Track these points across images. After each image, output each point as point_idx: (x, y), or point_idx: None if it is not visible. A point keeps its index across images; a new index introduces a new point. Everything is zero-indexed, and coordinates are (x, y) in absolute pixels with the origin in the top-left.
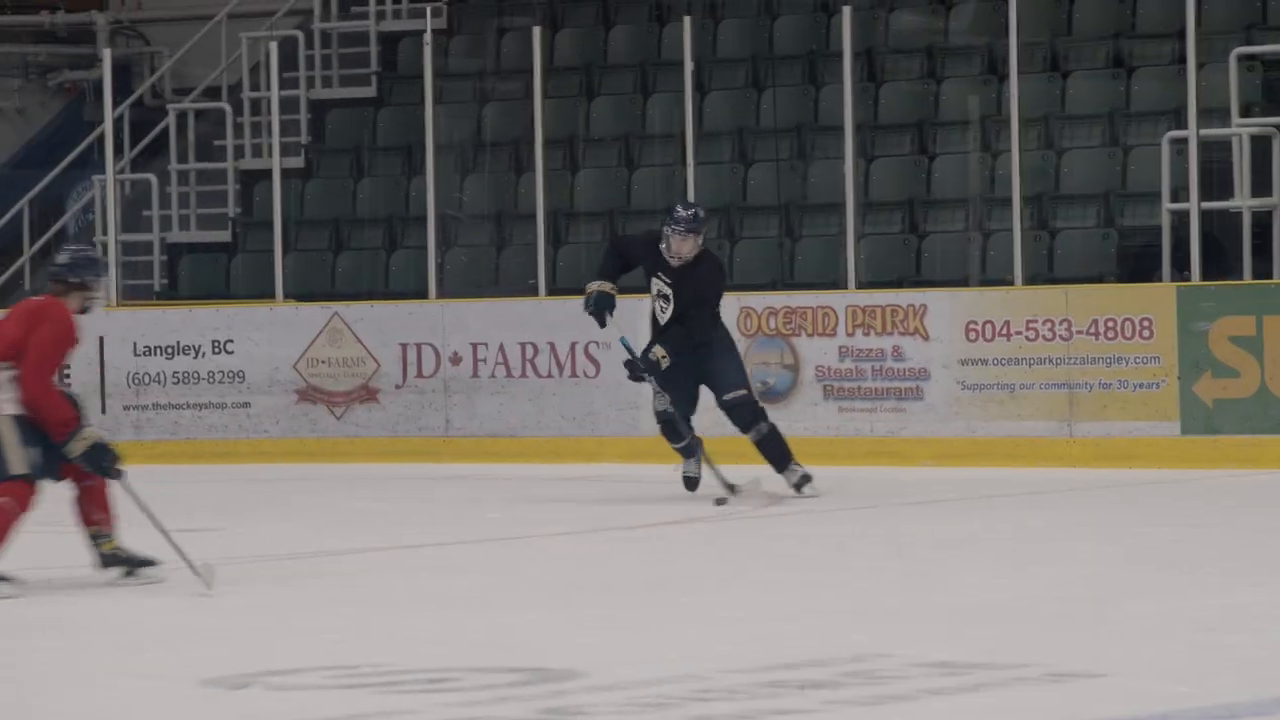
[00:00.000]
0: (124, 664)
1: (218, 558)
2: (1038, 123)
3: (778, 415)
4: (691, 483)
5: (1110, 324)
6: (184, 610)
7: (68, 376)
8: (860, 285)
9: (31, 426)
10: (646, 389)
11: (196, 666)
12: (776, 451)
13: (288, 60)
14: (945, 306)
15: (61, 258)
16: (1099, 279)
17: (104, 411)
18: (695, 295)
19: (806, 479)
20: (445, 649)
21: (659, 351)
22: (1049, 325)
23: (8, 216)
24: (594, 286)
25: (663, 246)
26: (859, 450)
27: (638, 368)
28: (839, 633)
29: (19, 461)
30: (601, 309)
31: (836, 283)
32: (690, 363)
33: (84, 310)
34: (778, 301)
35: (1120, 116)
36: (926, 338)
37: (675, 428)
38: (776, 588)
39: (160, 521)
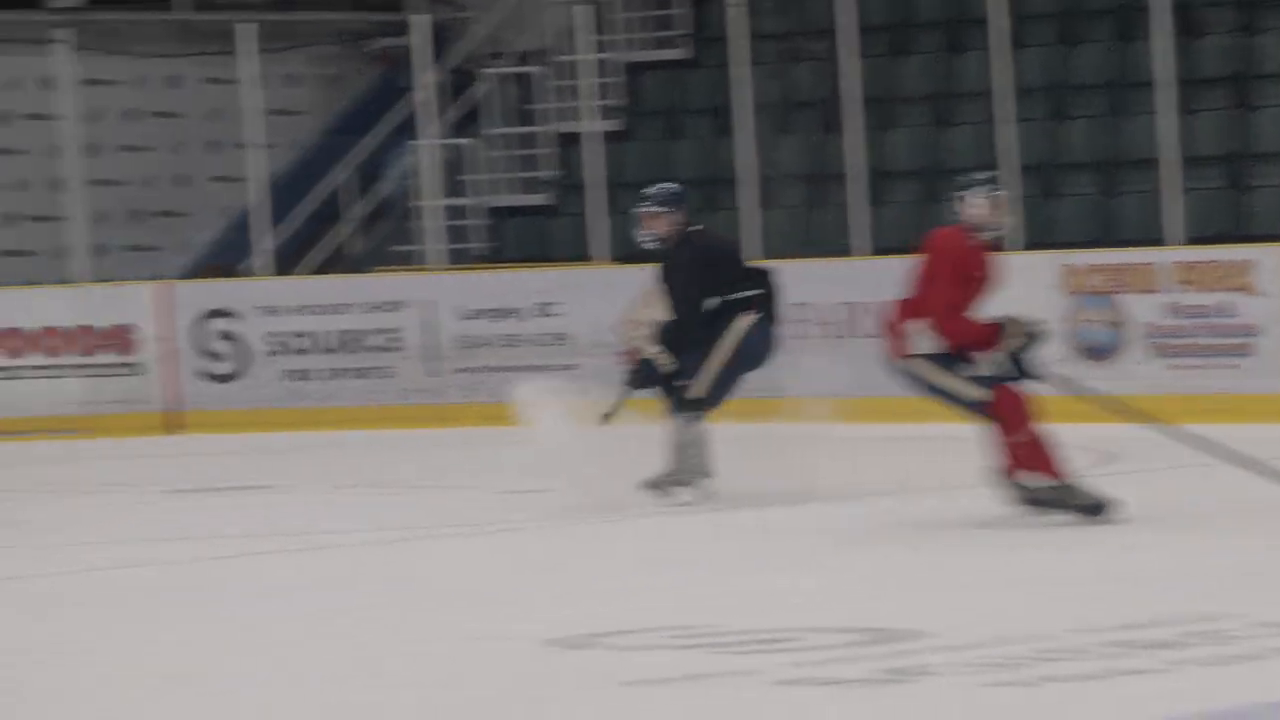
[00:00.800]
0: (471, 622)
1: (553, 517)
2: None
3: (1103, 373)
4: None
5: None
6: (530, 569)
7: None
8: (1183, 241)
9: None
10: None
11: (540, 626)
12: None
13: (601, 23)
14: (1274, 262)
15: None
16: None
17: (436, 374)
18: (674, 285)
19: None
20: (779, 609)
21: (657, 355)
22: None
23: (326, 182)
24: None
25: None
26: (1194, 408)
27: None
28: (1163, 594)
29: (970, 388)
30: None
31: (1158, 239)
32: None
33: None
34: (1100, 259)
35: None
36: (1255, 293)
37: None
38: (1074, 547)
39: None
